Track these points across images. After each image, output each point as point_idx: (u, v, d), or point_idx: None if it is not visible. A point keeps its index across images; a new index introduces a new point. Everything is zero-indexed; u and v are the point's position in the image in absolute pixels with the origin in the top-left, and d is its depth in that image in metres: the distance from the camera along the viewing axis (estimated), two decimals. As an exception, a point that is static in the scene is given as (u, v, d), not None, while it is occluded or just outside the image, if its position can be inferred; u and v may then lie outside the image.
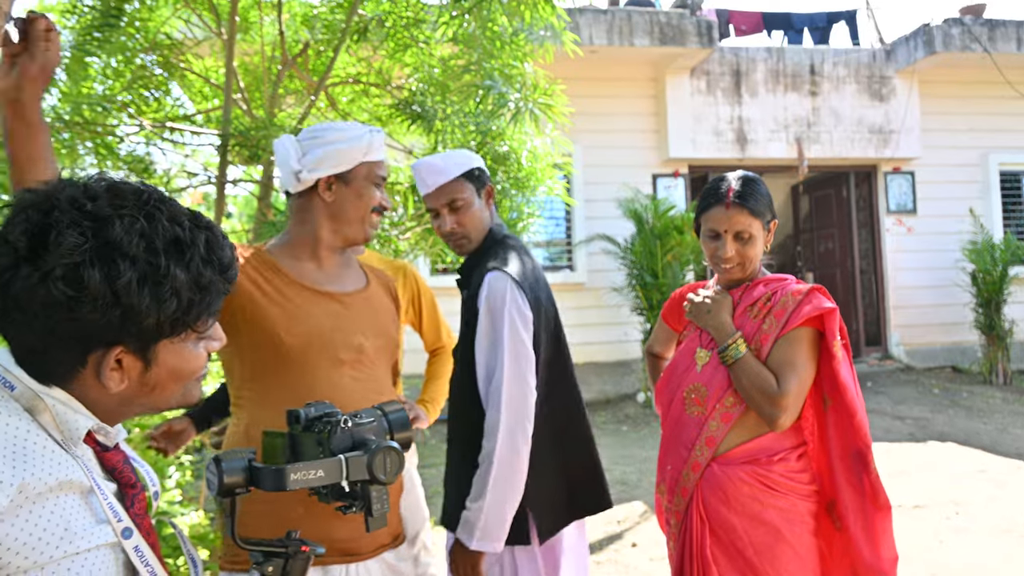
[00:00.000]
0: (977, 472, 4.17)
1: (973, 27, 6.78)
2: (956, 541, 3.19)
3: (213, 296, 0.71)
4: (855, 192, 7.56)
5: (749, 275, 1.49)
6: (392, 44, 2.97)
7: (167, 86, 3.06)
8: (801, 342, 1.38)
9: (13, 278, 0.64)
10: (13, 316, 0.65)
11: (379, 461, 0.80)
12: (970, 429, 5.12)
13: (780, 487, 1.37)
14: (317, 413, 0.86)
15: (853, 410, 1.36)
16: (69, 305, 0.63)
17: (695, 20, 6.34)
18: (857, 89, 7.05)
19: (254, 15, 3.08)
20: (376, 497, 0.82)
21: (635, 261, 5.80)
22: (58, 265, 0.63)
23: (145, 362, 0.69)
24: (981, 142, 7.31)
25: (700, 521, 1.38)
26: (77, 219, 0.64)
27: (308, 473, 0.77)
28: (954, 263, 6.94)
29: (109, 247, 0.64)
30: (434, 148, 3.01)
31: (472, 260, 1.57)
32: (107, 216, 0.65)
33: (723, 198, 1.44)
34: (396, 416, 0.91)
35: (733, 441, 1.39)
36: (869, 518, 1.35)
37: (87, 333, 0.65)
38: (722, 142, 6.79)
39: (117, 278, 0.64)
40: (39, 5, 3.55)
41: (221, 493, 0.78)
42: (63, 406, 0.67)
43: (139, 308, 0.65)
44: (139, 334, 0.67)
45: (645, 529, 3.40)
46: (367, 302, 1.37)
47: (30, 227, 0.64)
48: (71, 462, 0.66)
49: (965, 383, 6.60)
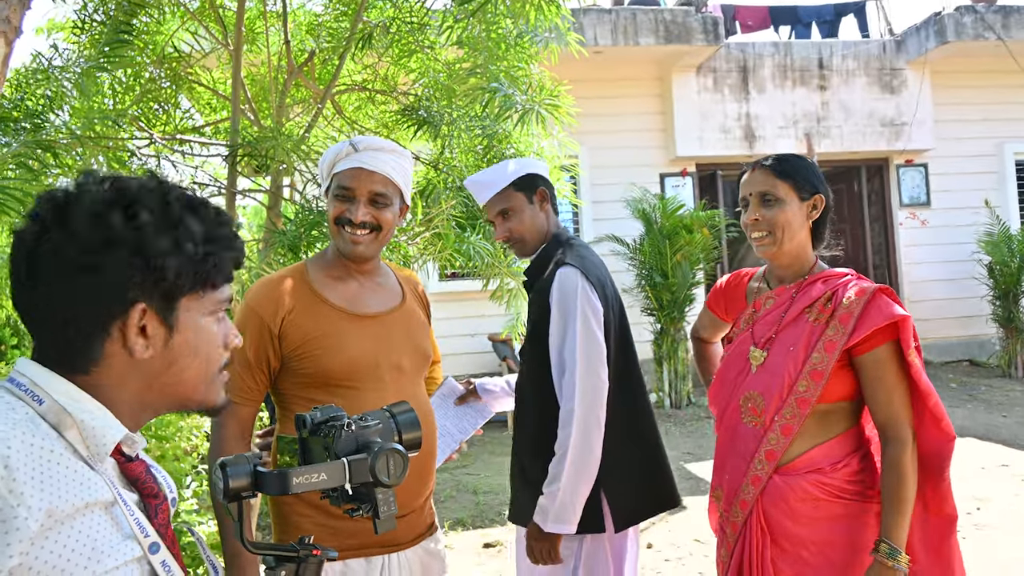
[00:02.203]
0: (998, 467, 4.10)
1: (986, 14, 6.67)
2: (979, 537, 3.14)
3: (227, 253, 0.72)
4: (867, 186, 7.47)
5: (797, 257, 1.37)
6: (397, 50, 2.99)
7: (176, 99, 3.09)
8: (890, 367, 1.28)
9: (40, 243, 0.66)
10: (41, 288, 0.66)
11: (382, 463, 0.80)
12: (990, 423, 5.04)
13: (845, 494, 1.30)
14: (323, 417, 0.86)
15: (941, 417, 1.29)
16: (94, 252, 0.65)
17: (700, 17, 6.31)
18: (867, 82, 6.97)
19: (260, 26, 3.11)
20: (382, 500, 0.81)
21: (644, 261, 5.77)
22: (82, 216, 0.66)
23: (168, 327, 0.69)
24: (996, 132, 7.20)
25: (761, 533, 1.31)
26: (99, 182, 0.69)
27: (311, 476, 0.77)
28: (970, 255, 6.84)
29: (127, 199, 0.68)
30: (440, 153, 3.02)
31: (538, 261, 1.66)
32: (126, 181, 0.70)
33: (751, 167, 1.41)
34: (404, 417, 0.90)
35: (795, 451, 1.32)
36: (932, 529, 1.28)
37: (109, 290, 0.66)
38: (730, 139, 6.74)
39: (136, 219, 0.66)
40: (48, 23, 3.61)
41: (227, 497, 0.78)
42: (91, 417, 0.67)
43: (159, 250, 0.67)
44: (159, 287, 0.68)
45: (661, 530, 3.38)
46: (404, 319, 1.40)
47: (56, 201, 0.68)
48: (97, 480, 0.66)
49: (983, 377, 6.50)
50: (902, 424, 1.27)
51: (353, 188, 1.32)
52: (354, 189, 1.32)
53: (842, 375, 1.30)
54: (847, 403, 1.34)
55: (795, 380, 1.30)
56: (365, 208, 1.31)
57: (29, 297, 0.68)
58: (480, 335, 6.04)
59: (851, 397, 1.33)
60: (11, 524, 0.58)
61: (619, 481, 1.54)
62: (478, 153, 3.02)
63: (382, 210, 1.33)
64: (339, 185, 1.33)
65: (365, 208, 1.31)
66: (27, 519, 0.59)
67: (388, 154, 1.34)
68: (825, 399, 1.31)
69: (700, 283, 5.89)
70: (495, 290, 2.92)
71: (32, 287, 0.67)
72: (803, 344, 1.31)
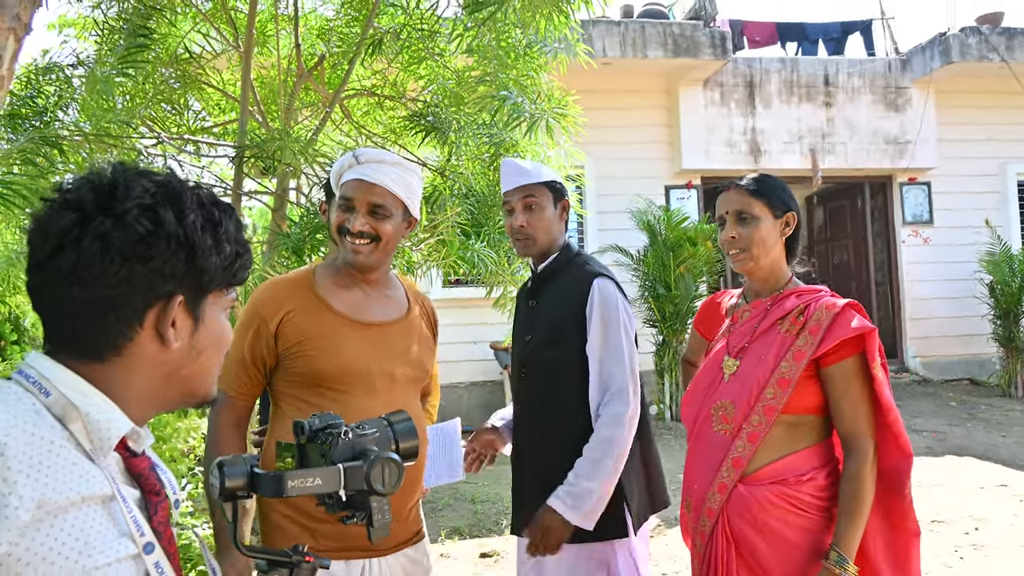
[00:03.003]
0: (997, 487, 4.09)
1: (991, 36, 6.72)
2: (976, 557, 3.12)
3: (248, 255, 0.75)
4: (870, 203, 7.49)
5: (772, 272, 1.43)
6: (407, 56, 3.00)
7: (186, 99, 3.10)
8: (857, 374, 1.32)
9: (84, 231, 0.65)
10: (81, 274, 0.66)
11: (377, 472, 0.80)
12: (989, 443, 5.02)
13: (809, 508, 1.32)
14: (321, 424, 0.87)
15: (899, 434, 1.31)
16: (147, 242, 0.66)
17: (708, 32, 6.35)
18: (872, 99, 7.00)
19: (271, 28, 3.12)
20: (376, 508, 0.82)
21: (647, 273, 5.77)
22: (134, 206, 0.67)
23: (195, 319, 0.72)
24: (999, 152, 7.23)
25: (726, 542, 1.34)
26: (138, 177, 0.70)
27: (306, 480, 0.78)
28: (971, 274, 6.84)
29: (173, 195, 0.69)
30: (447, 160, 3.03)
31: (546, 273, 1.67)
32: (163, 177, 0.71)
33: (727, 188, 1.47)
34: (402, 426, 0.91)
35: (761, 461, 1.35)
36: (894, 545, 1.30)
37: (156, 279, 0.67)
38: (735, 153, 6.76)
39: (185, 218, 0.68)
40: (59, 19, 3.63)
41: (223, 497, 0.78)
42: (97, 411, 0.67)
43: (202, 249, 0.69)
44: (196, 281, 0.70)
45: (657, 543, 3.36)
46: (405, 331, 1.42)
47: (95, 186, 0.68)
48: (96, 474, 0.66)
49: (983, 396, 6.49)
50: (865, 437, 1.31)
51: (353, 199, 1.36)
52: (354, 200, 1.36)
53: (809, 386, 1.34)
54: (814, 417, 1.36)
55: (763, 387, 1.35)
56: (364, 219, 1.35)
57: (55, 282, 0.67)
58: (482, 343, 6.03)
59: (818, 411, 1.36)
60: (1, 512, 0.58)
61: (636, 485, 1.59)
62: (485, 161, 3.03)
63: (381, 221, 1.36)
64: (341, 196, 1.37)
65: (364, 219, 1.35)
66: (17, 508, 0.59)
67: (391, 167, 1.37)
68: (792, 409, 1.34)
69: (703, 296, 5.89)
70: (498, 298, 2.91)
71: (65, 273, 0.66)
72: (773, 353, 1.36)
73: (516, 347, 1.71)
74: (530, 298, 1.69)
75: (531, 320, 1.66)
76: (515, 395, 1.68)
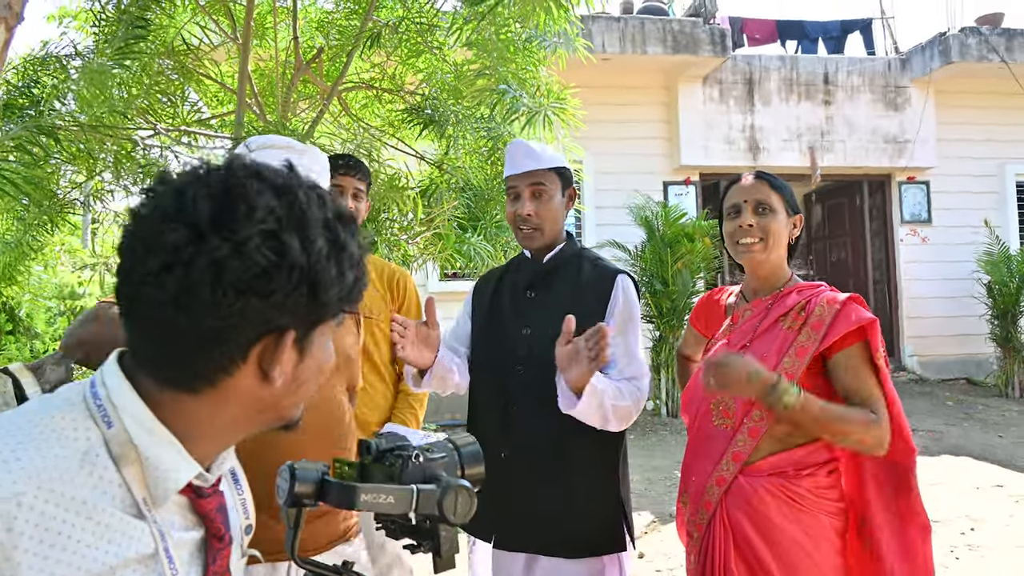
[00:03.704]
0: (993, 487, 4.09)
1: (990, 37, 6.72)
2: (972, 557, 3.13)
3: (366, 279, 0.65)
4: (869, 201, 7.49)
5: (775, 269, 1.41)
6: (405, 50, 2.99)
7: (183, 91, 3.09)
8: (863, 363, 1.31)
9: (196, 254, 0.55)
10: (187, 302, 0.56)
11: (450, 499, 0.76)
12: (985, 443, 5.03)
13: (806, 503, 1.31)
14: (389, 445, 0.83)
15: (902, 423, 1.30)
16: (268, 276, 0.56)
17: (708, 29, 6.34)
18: (871, 98, 7.00)
19: (269, 21, 3.11)
20: (445, 537, 0.78)
21: (645, 268, 5.78)
22: (256, 233, 0.56)
23: (300, 352, 0.63)
24: (998, 152, 7.23)
25: (724, 532, 1.34)
26: (262, 188, 0.58)
27: (379, 496, 0.74)
28: (970, 274, 6.85)
29: (300, 214, 0.59)
30: (446, 153, 3.02)
31: (550, 265, 1.55)
32: (289, 184, 0.60)
33: (742, 178, 1.46)
34: (468, 450, 0.87)
35: (761, 452, 1.34)
36: (907, 540, 1.28)
37: (272, 314, 0.58)
38: (734, 150, 6.76)
39: (312, 246, 0.58)
40: (59, 11, 3.61)
41: (289, 503, 0.75)
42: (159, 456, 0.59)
43: (326, 281, 0.60)
44: (313, 314, 0.61)
45: (652, 540, 3.36)
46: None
47: (213, 196, 0.57)
48: (141, 531, 0.58)
49: (980, 396, 6.50)
50: (879, 402, 1.29)
51: None
52: None
53: (812, 383, 1.32)
54: None
55: None
56: None
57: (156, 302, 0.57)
58: (478, 338, 6.02)
59: None
60: None
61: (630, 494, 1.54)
62: (482, 155, 3.02)
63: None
64: None
65: None
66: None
67: (279, 151, 1.26)
68: None
69: (700, 292, 5.89)
70: (495, 292, 2.90)
71: (171, 297, 0.56)
72: (775, 350, 1.34)
73: (502, 341, 1.54)
74: (527, 289, 1.56)
75: (529, 312, 1.53)
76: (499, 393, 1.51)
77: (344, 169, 1.90)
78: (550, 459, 1.46)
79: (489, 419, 1.53)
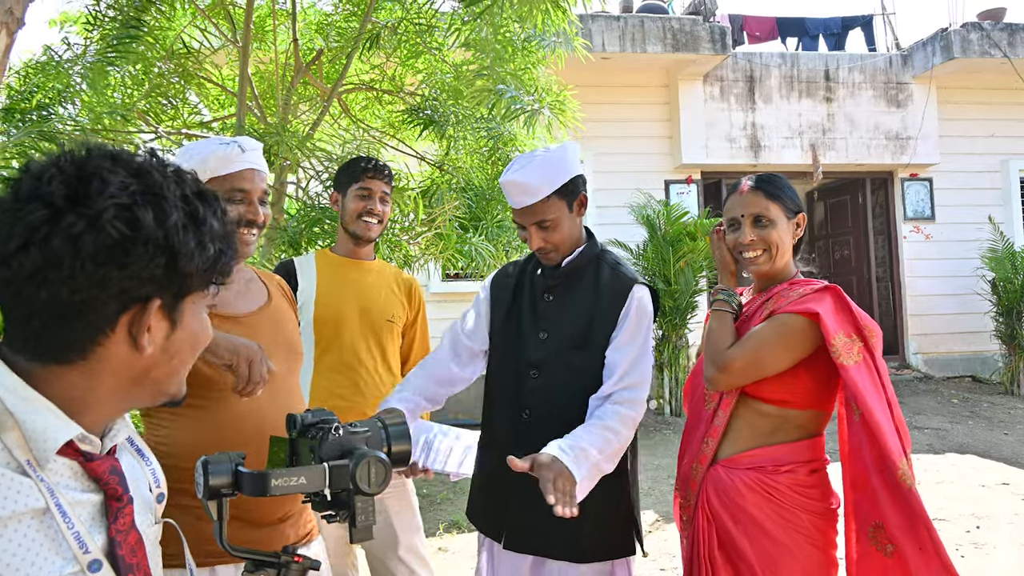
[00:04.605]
0: (999, 485, 4.07)
1: (992, 32, 6.68)
2: (978, 555, 3.11)
3: (234, 251, 0.70)
4: (871, 199, 7.46)
5: (782, 271, 1.44)
6: (404, 51, 2.99)
7: (184, 94, 3.10)
8: (783, 325, 1.33)
9: (52, 231, 0.59)
10: (48, 277, 0.59)
11: (363, 471, 0.78)
12: (991, 441, 5.01)
13: (783, 499, 1.32)
14: (313, 419, 0.86)
15: (870, 416, 1.28)
16: (123, 248, 0.60)
17: (708, 27, 6.32)
18: (873, 95, 6.98)
19: (269, 23, 3.12)
20: (361, 508, 0.80)
21: (647, 267, 5.77)
22: (109, 206, 0.60)
23: (172, 322, 0.67)
24: (1001, 148, 7.20)
25: (707, 524, 1.37)
26: (115, 168, 0.63)
27: (290, 480, 0.77)
28: (974, 271, 6.82)
29: (153, 190, 0.63)
30: (446, 153, 3.02)
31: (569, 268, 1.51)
32: (144, 166, 0.65)
33: (739, 187, 1.47)
34: (396, 428, 0.90)
35: (742, 446, 1.36)
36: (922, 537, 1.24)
37: (131, 284, 0.62)
38: (735, 148, 6.74)
39: (167, 219, 0.62)
40: (62, 16, 3.63)
41: (207, 495, 0.77)
42: (35, 418, 0.62)
43: (184, 252, 0.63)
44: (177, 285, 0.65)
45: (656, 539, 3.35)
46: (271, 318, 1.34)
47: (66, 178, 0.61)
48: (28, 487, 0.61)
49: (985, 393, 6.47)
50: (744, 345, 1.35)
51: (249, 190, 1.29)
52: (250, 191, 1.29)
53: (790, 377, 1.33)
54: (799, 412, 1.36)
55: None
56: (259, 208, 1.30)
57: (18, 281, 0.61)
58: (480, 338, 6.02)
59: (802, 405, 1.35)
60: None
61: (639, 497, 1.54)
62: (483, 155, 3.02)
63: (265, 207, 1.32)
64: (234, 187, 1.27)
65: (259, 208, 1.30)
66: None
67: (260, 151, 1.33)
68: (772, 400, 1.34)
69: (703, 290, 5.88)
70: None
71: (30, 273, 0.60)
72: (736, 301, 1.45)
73: (518, 344, 1.51)
74: (545, 292, 1.52)
75: (546, 316, 1.50)
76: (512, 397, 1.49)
77: (372, 172, 1.94)
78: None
79: (503, 422, 1.52)
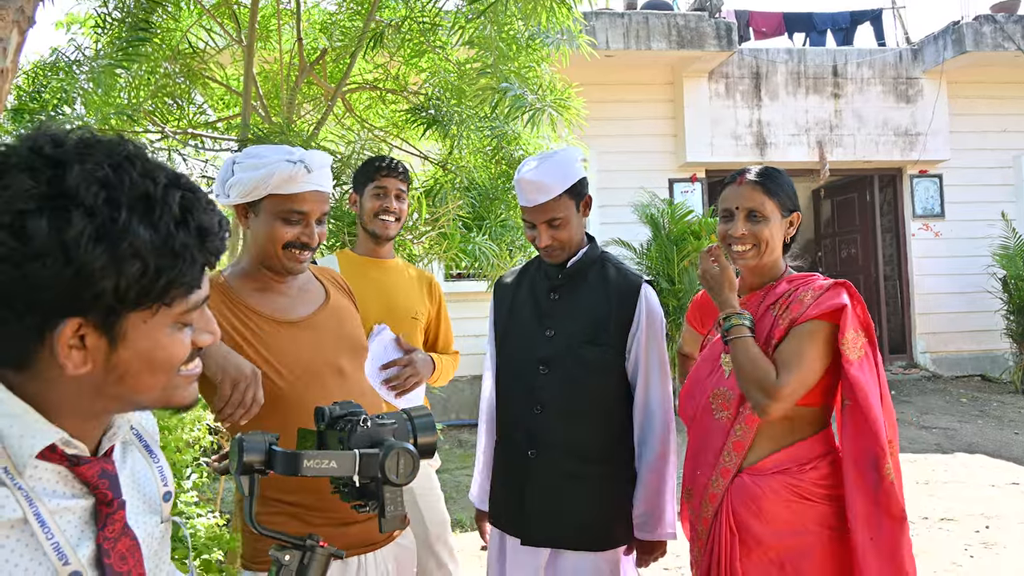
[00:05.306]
0: (1008, 484, 4.03)
1: (1006, 25, 6.59)
2: (987, 556, 3.08)
3: (187, 265, 0.61)
4: (879, 196, 7.40)
5: (770, 268, 1.44)
6: (408, 50, 2.99)
7: (189, 94, 3.12)
8: (813, 335, 1.32)
9: None
10: None
11: (392, 461, 0.81)
12: (1001, 440, 4.96)
13: (815, 496, 1.32)
14: (342, 412, 0.89)
15: (867, 411, 1.29)
16: (15, 260, 0.55)
17: (714, 23, 6.28)
18: (882, 91, 6.91)
19: (273, 23, 3.13)
20: (390, 498, 0.82)
21: (651, 266, 5.75)
22: (4, 213, 0.55)
23: (110, 340, 0.60)
24: (1013, 143, 7.11)
25: (730, 533, 1.34)
26: (33, 163, 0.57)
27: (322, 462, 0.79)
28: (984, 268, 6.74)
29: (62, 195, 0.56)
30: (450, 153, 3.02)
31: (574, 268, 1.58)
32: (66, 161, 0.57)
33: (736, 179, 1.45)
34: (422, 421, 0.92)
35: (763, 451, 1.35)
36: (881, 529, 1.28)
37: (41, 298, 0.56)
38: (741, 146, 6.70)
39: (66, 230, 0.55)
40: (68, 17, 3.65)
41: (240, 471, 0.79)
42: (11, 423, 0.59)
43: (92, 268, 0.56)
44: (98, 302, 0.58)
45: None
46: (333, 317, 1.36)
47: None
48: (5, 498, 0.58)
49: (995, 392, 6.40)
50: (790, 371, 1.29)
51: (308, 212, 1.28)
52: (309, 214, 1.28)
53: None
54: (811, 409, 1.37)
55: None
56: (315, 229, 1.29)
57: None
58: (485, 336, 6.02)
59: (815, 403, 1.36)
60: None
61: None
62: (487, 154, 3.01)
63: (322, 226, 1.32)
64: (292, 209, 1.27)
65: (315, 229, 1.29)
66: None
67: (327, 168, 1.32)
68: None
69: (708, 290, 5.86)
70: (500, 291, 2.90)
71: None
72: (764, 336, 1.38)
73: (525, 342, 1.58)
74: (551, 292, 1.59)
75: (552, 314, 1.56)
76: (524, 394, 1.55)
77: (387, 171, 1.96)
78: (575, 457, 1.51)
79: (515, 419, 1.58)
